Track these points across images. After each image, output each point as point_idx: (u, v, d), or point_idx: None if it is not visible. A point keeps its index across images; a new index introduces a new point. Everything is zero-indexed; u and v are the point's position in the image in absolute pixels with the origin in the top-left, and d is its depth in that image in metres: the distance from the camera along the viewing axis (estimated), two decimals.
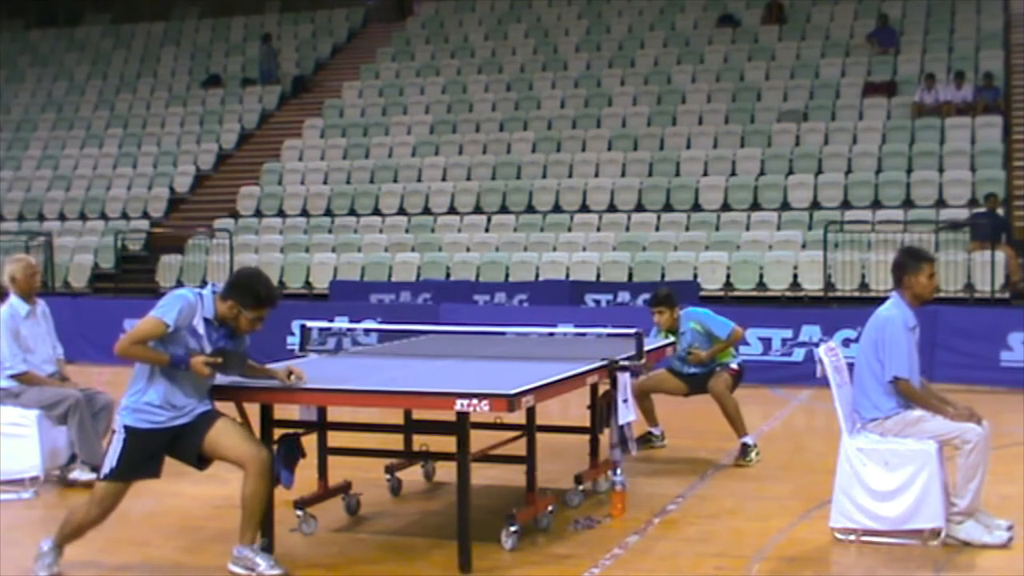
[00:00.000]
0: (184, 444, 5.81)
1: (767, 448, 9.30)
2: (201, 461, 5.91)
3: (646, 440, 9.20)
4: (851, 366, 6.72)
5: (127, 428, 5.72)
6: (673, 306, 8.94)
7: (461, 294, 16.33)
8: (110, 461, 5.74)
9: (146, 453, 5.77)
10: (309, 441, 6.72)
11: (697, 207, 18.69)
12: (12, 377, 8.04)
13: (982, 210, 16.76)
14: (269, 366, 6.11)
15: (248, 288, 5.80)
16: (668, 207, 18.81)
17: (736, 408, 8.83)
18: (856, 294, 15.87)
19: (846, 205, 17.98)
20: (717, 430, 9.24)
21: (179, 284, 19.37)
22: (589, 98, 22.08)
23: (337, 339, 14.37)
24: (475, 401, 5.59)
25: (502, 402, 5.60)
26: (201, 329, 5.74)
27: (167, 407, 5.74)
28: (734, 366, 9.01)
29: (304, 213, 21.02)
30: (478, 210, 19.88)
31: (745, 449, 8.77)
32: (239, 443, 5.80)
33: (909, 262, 6.60)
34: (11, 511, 7.36)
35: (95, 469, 8.08)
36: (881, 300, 6.79)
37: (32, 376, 8.09)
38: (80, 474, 7.90)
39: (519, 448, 6.87)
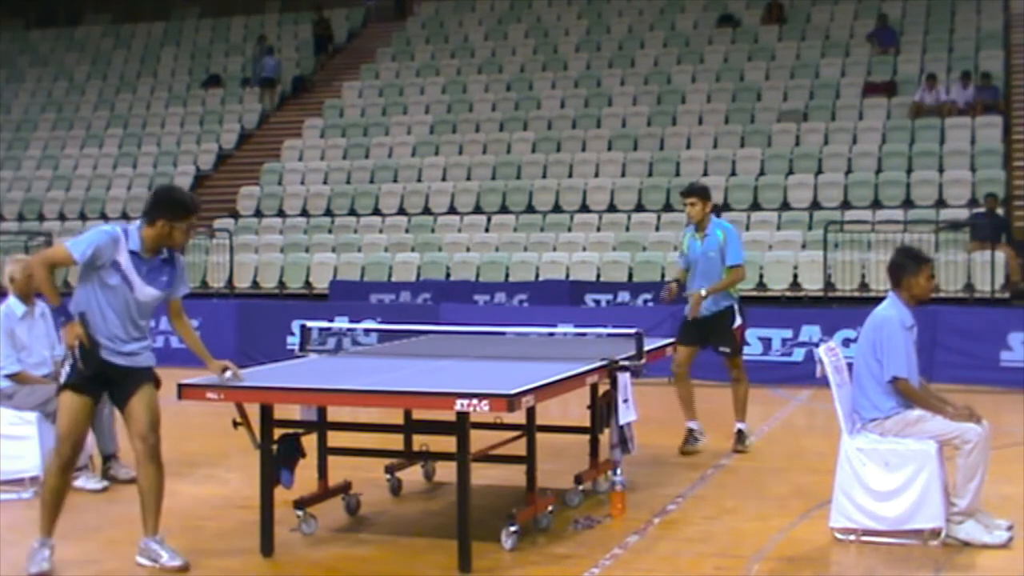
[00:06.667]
0: (117, 390, 5.92)
1: (767, 448, 9.31)
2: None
3: (691, 442, 9.01)
4: (851, 366, 6.71)
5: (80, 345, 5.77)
6: (707, 200, 9.06)
7: (461, 294, 16.33)
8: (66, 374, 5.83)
9: (92, 373, 5.81)
10: (309, 441, 6.72)
11: None
12: (7, 377, 8.03)
13: (982, 210, 16.76)
14: (210, 357, 6.12)
15: (172, 201, 5.93)
16: (668, 207, 18.79)
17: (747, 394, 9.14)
18: (856, 294, 15.87)
19: (846, 205, 17.98)
20: (717, 430, 9.24)
21: None
22: (589, 98, 22.07)
23: (337, 339, 14.36)
24: (475, 401, 5.58)
25: (502, 402, 5.60)
26: (125, 262, 5.80)
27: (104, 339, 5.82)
28: (738, 322, 9.18)
29: (304, 213, 21.02)
30: (478, 210, 19.88)
31: (740, 436, 9.06)
32: (145, 416, 5.87)
33: (909, 264, 6.58)
34: (11, 511, 7.36)
35: (109, 458, 8.14)
36: (881, 300, 6.79)
37: (25, 376, 8.07)
38: (86, 482, 7.86)
39: (519, 448, 6.86)
